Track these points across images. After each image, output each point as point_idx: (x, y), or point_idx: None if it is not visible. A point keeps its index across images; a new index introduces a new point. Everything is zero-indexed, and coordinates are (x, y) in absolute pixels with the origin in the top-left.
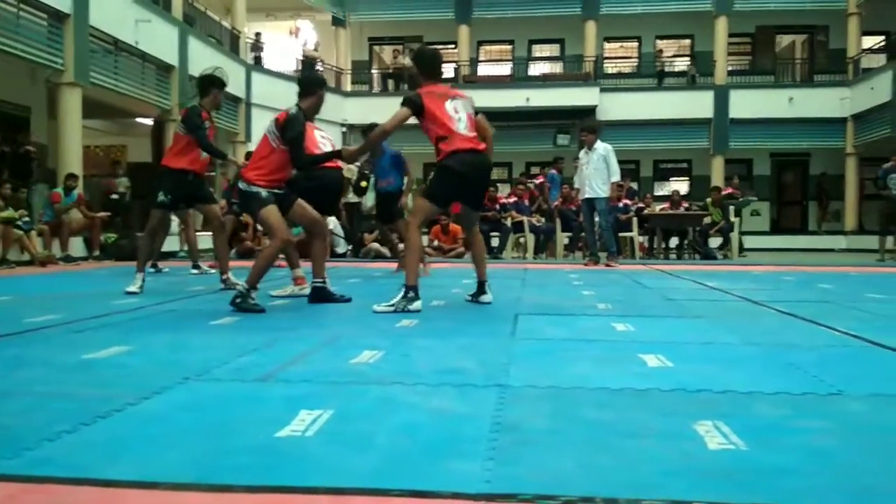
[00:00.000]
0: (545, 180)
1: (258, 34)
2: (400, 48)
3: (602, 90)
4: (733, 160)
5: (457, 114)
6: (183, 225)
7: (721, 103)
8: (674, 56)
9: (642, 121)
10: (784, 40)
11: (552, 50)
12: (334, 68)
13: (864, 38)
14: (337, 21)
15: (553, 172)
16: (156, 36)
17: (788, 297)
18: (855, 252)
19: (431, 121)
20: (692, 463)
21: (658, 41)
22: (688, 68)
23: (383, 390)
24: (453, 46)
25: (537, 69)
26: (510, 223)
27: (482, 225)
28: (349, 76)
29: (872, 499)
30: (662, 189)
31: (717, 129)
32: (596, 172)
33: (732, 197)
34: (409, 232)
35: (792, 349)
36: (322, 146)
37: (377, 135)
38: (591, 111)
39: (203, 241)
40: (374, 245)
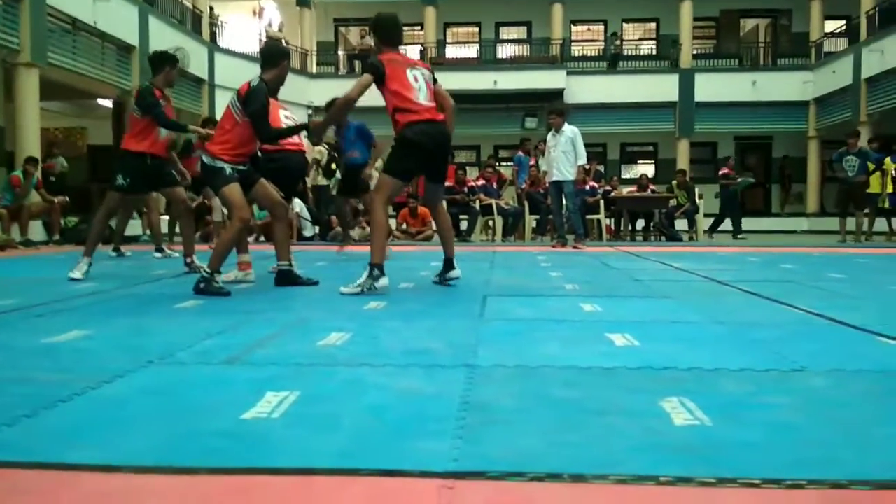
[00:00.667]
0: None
1: (212, 7)
2: (367, 29)
3: (569, 73)
4: (698, 143)
5: (417, 83)
6: (146, 209)
7: (686, 87)
8: (640, 39)
9: (609, 104)
10: (748, 24)
11: (519, 32)
12: (299, 49)
13: (827, 22)
14: (301, 1)
15: (520, 154)
16: (115, 16)
17: (752, 277)
18: (817, 234)
19: (391, 89)
20: (658, 439)
21: (624, 24)
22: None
23: (351, 372)
24: (419, 28)
25: (505, 52)
26: (479, 206)
27: (451, 208)
28: (314, 57)
29: (833, 471)
30: (629, 172)
31: (683, 113)
32: (563, 155)
33: (728, 178)
34: (375, 210)
35: (756, 327)
36: (285, 125)
37: (342, 104)
38: (559, 94)
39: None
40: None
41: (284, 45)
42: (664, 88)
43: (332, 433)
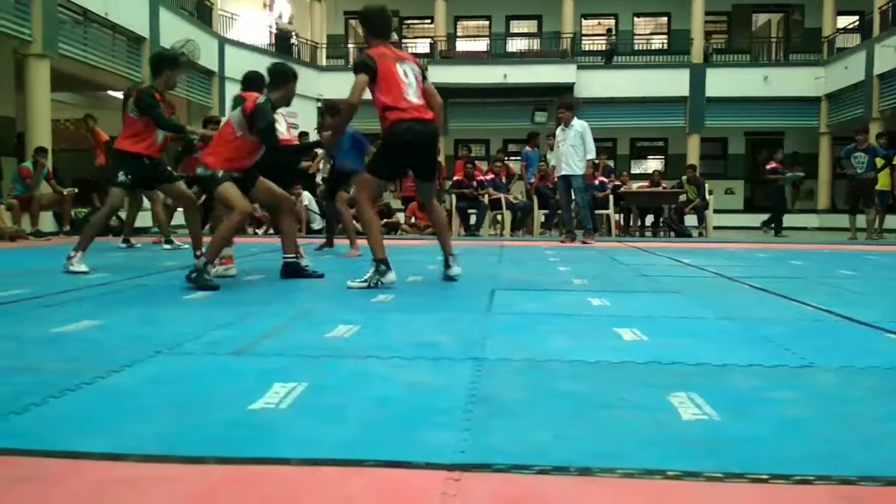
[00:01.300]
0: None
1: None
2: None
3: (579, 67)
4: (709, 139)
5: (407, 78)
6: (150, 202)
7: (697, 82)
8: (651, 34)
9: (619, 98)
10: (760, 19)
11: (529, 26)
12: (309, 42)
13: (839, 18)
14: None
15: (527, 149)
16: (126, 7)
17: (762, 274)
18: (827, 230)
19: (381, 87)
20: (666, 433)
21: (635, 18)
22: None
23: (358, 364)
24: (430, 21)
25: (515, 45)
26: (487, 200)
27: (460, 202)
28: (324, 50)
29: (841, 467)
30: (639, 167)
31: (693, 108)
32: (572, 150)
33: (776, 172)
34: (361, 210)
35: (764, 323)
36: (280, 133)
37: (347, 111)
38: (569, 88)
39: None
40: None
41: (293, 67)
42: (675, 83)
43: (340, 424)
